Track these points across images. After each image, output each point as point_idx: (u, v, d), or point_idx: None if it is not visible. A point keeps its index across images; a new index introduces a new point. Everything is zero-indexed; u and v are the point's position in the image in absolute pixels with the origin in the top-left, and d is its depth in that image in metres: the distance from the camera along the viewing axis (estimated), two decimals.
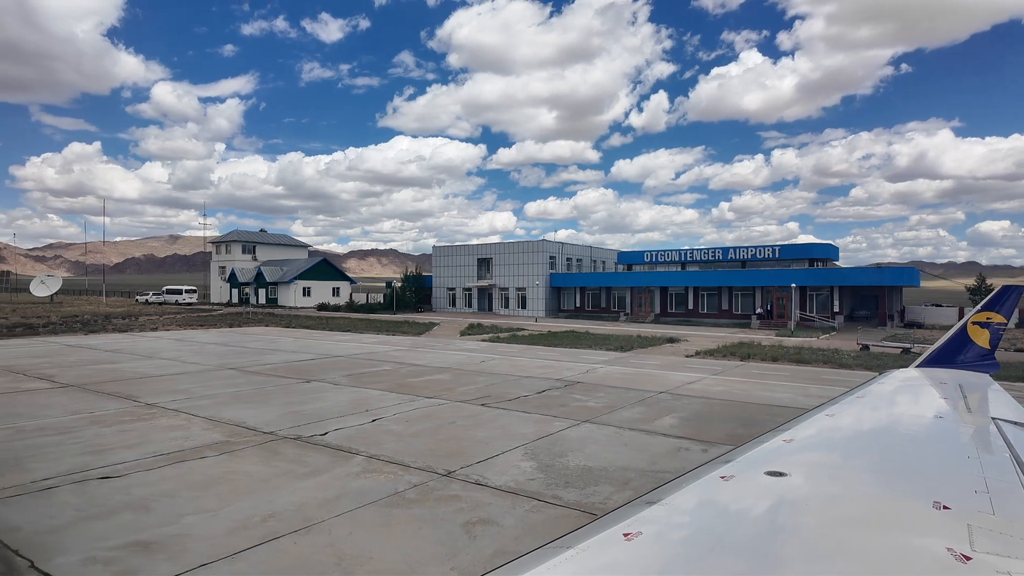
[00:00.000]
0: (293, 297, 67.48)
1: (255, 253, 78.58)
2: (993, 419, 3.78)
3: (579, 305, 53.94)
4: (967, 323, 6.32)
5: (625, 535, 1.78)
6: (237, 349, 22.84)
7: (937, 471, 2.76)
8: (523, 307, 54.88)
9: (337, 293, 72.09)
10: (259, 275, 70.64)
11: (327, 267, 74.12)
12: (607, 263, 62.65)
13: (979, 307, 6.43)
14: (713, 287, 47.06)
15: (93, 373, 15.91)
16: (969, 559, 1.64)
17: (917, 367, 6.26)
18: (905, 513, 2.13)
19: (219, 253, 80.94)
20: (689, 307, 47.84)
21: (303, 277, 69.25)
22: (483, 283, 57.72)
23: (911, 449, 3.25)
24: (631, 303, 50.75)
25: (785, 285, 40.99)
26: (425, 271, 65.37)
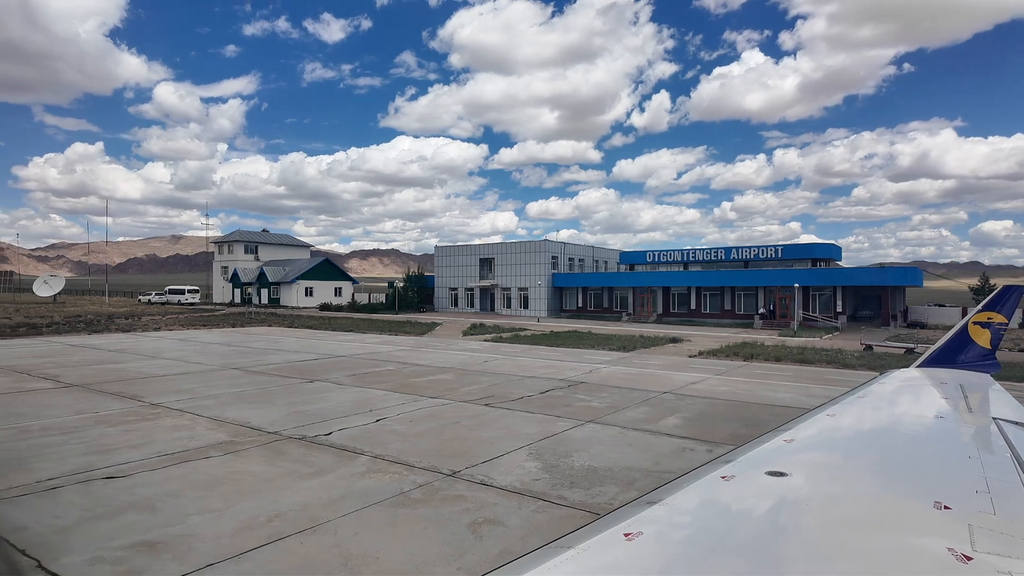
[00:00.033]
0: (295, 297, 67.56)
1: (257, 253, 78.67)
2: (994, 419, 3.78)
3: (581, 305, 53.93)
4: (968, 323, 6.32)
5: (626, 535, 1.79)
6: (240, 349, 22.86)
7: (938, 471, 2.76)
8: (525, 307, 54.89)
9: (339, 293, 72.16)
10: (261, 275, 70.74)
11: (329, 267, 74.21)
12: (609, 263, 62.63)
13: (980, 307, 6.43)
14: (716, 287, 47.03)
15: (97, 373, 15.94)
16: (970, 559, 1.64)
17: (918, 367, 6.27)
18: (906, 513, 2.13)
19: (222, 253, 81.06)
20: (692, 307, 47.81)
21: (305, 277, 69.34)
22: (485, 283, 57.74)
23: (912, 449, 3.25)
24: (633, 303, 50.73)
25: (788, 285, 40.92)
26: (427, 271, 65.44)
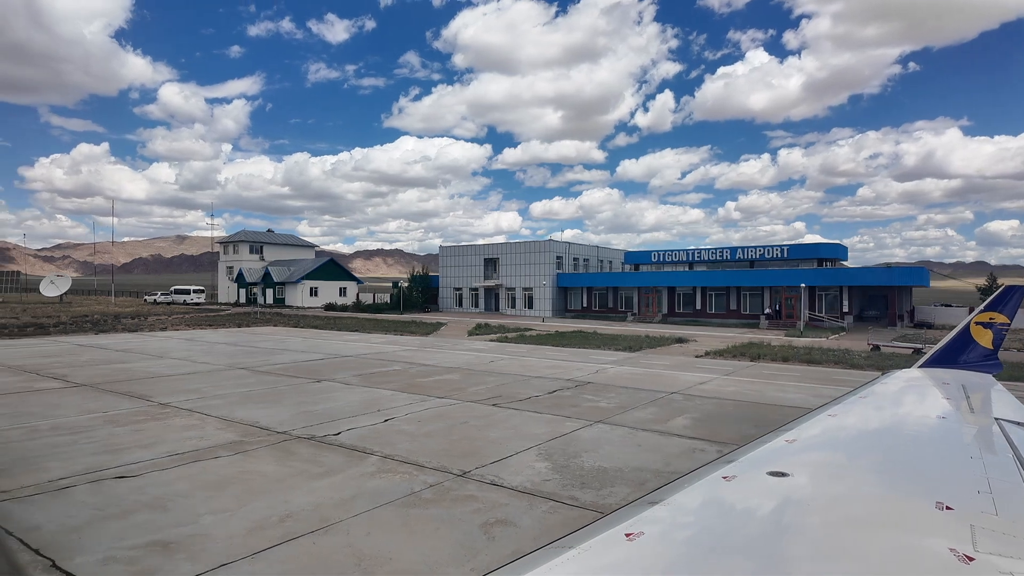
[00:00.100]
0: (300, 297, 67.68)
1: (262, 253, 78.86)
2: (996, 419, 3.78)
3: (586, 305, 53.87)
4: (970, 323, 6.31)
5: (627, 535, 1.79)
6: (247, 349, 22.91)
7: (940, 471, 2.75)
8: (530, 307, 54.86)
9: (344, 293, 72.25)
10: (266, 275, 70.89)
11: (334, 267, 74.30)
12: (614, 263, 62.55)
13: (982, 307, 6.43)
14: (721, 287, 46.90)
15: (105, 373, 15.99)
16: (972, 559, 1.64)
17: (920, 367, 6.27)
18: (907, 513, 2.13)
19: (227, 253, 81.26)
20: (697, 307, 47.69)
21: (310, 277, 69.45)
22: (490, 283, 57.73)
23: (913, 449, 3.24)
24: (638, 303, 50.64)
25: (794, 285, 40.80)
26: (430, 271, 65.48)
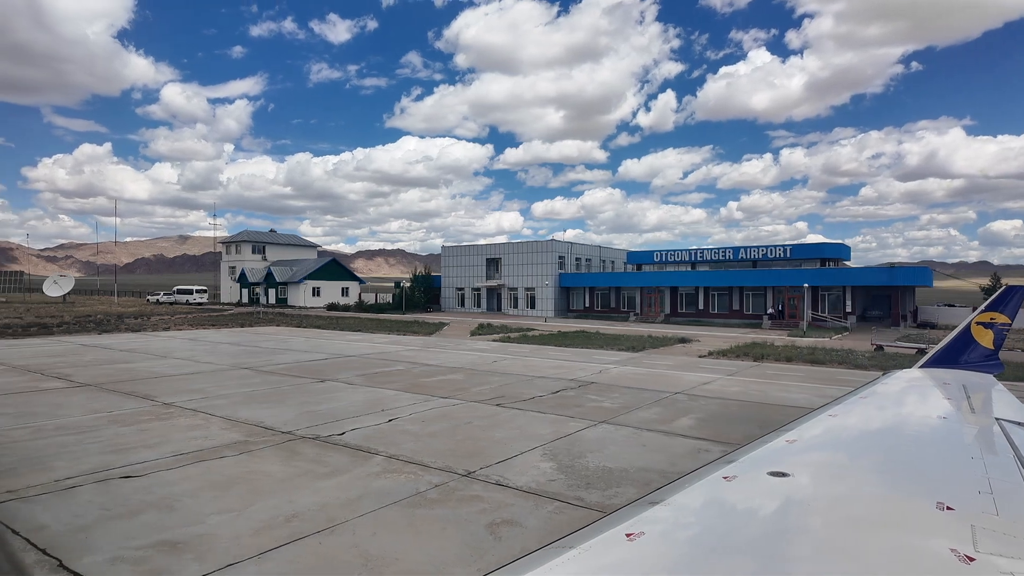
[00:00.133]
0: (303, 297, 67.76)
1: (265, 253, 78.98)
2: (997, 420, 3.78)
3: (588, 305, 53.85)
4: (971, 323, 6.31)
5: (628, 535, 1.79)
6: (250, 349, 22.94)
7: (940, 472, 2.75)
8: (532, 307, 54.86)
9: (346, 293, 72.34)
10: (269, 275, 71.01)
11: (336, 267, 74.39)
12: (616, 263, 62.52)
13: (983, 307, 6.42)
14: (724, 287, 46.85)
15: (109, 372, 16.02)
16: (972, 560, 1.64)
17: (921, 367, 6.27)
18: (908, 514, 2.13)
19: (229, 253, 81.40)
20: (700, 307, 47.65)
21: (313, 277, 69.55)
22: (492, 283, 57.74)
23: (914, 449, 3.24)
24: (641, 303, 50.61)
25: (797, 285, 40.74)
26: (432, 271, 65.51)
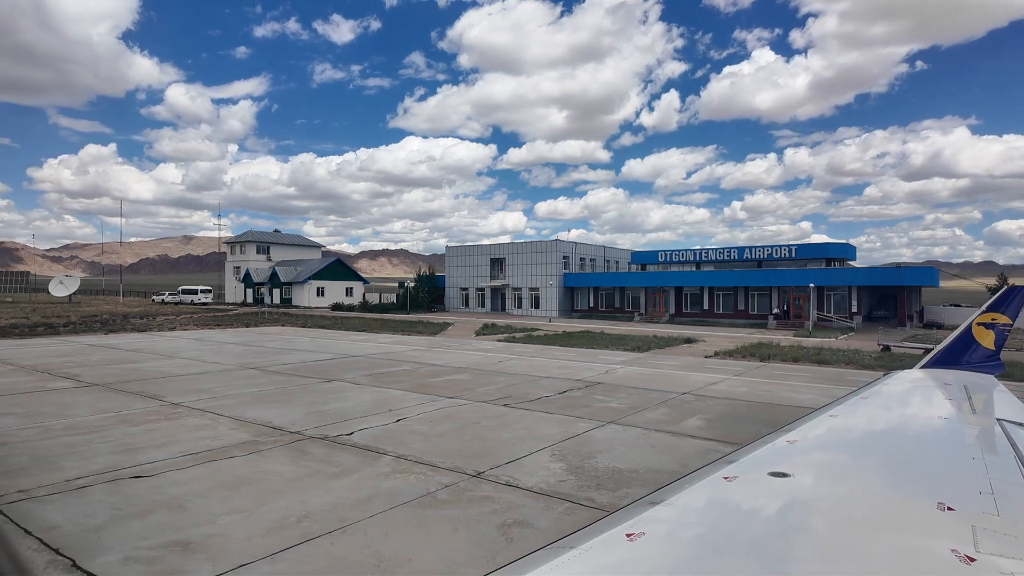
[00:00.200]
0: (307, 297, 67.89)
1: (269, 253, 79.15)
2: (998, 420, 3.77)
3: (593, 305, 53.80)
4: (972, 324, 6.30)
5: (628, 535, 1.79)
6: (256, 349, 22.98)
7: (941, 472, 2.75)
8: (536, 307, 54.83)
9: (350, 293, 72.44)
10: (273, 275, 71.16)
11: (341, 267, 74.51)
12: (620, 263, 62.45)
13: (984, 308, 6.41)
14: (729, 287, 46.74)
15: (117, 372, 16.07)
16: (973, 560, 1.64)
17: (922, 368, 6.27)
18: (909, 514, 2.13)
19: (234, 253, 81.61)
20: (704, 307, 47.55)
21: (317, 277, 69.66)
22: (496, 283, 57.74)
23: (915, 450, 3.24)
24: (645, 303, 50.54)
25: (802, 285, 40.61)
26: (436, 271, 65.52)
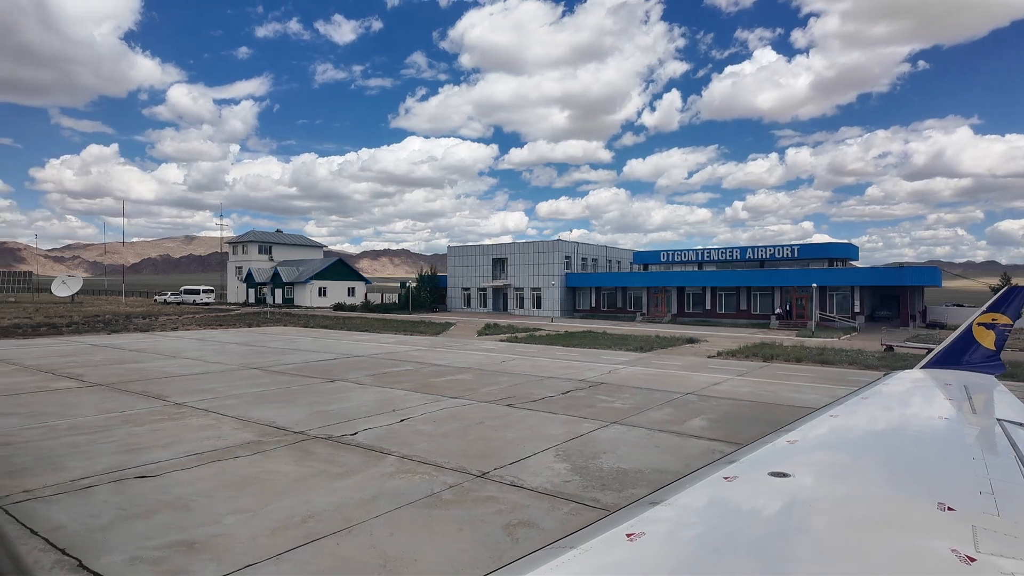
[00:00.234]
0: (309, 297, 67.94)
1: (271, 253, 79.23)
2: (998, 420, 3.76)
3: (595, 305, 53.78)
4: (972, 324, 6.29)
5: (628, 535, 1.78)
6: (258, 349, 22.99)
7: (941, 472, 2.75)
8: (538, 307, 54.83)
9: (352, 293, 72.50)
10: (275, 275, 71.22)
11: (342, 267, 74.58)
12: (622, 263, 62.43)
13: (984, 308, 6.41)
14: (731, 287, 46.70)
15: (120, 372, 16.08)
16: (974, 560, 1.64)
17: (922, 368, 6.27)
18: (909, 514, 2.12)
19: (236, 253, 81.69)
20: (707, 307, 47.51)
21: (319, 277, 69.73)
22: (498, 283, 57.74)
23: (915, 450, 3.23)
24: (647, 303, 50.51)
25: (805, 285, 40.56)
26: (438, 271, 65.54)
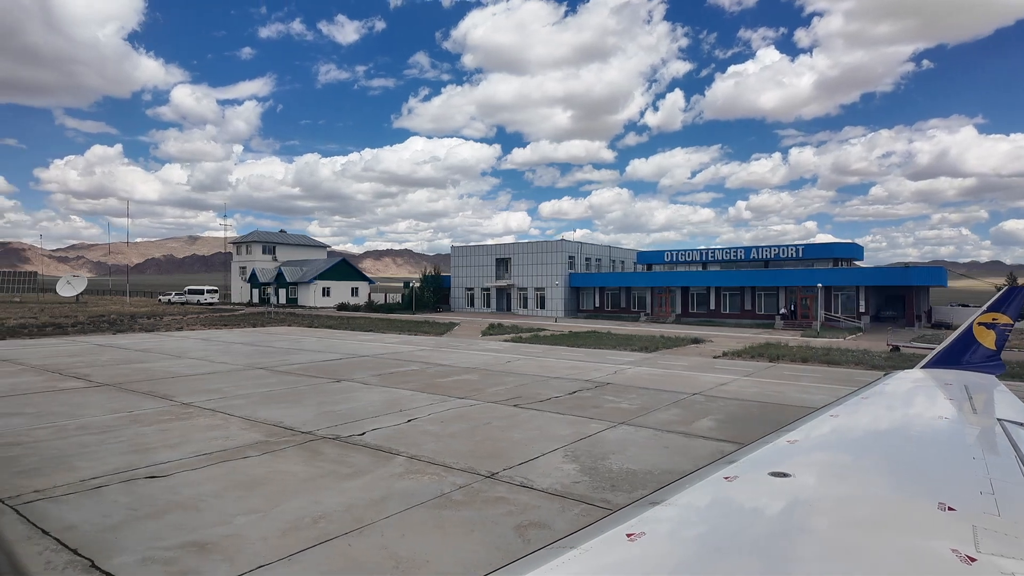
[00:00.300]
0: (313, 297, 68.03)
1: (275, 253, 79.37)
2: (999, 420, 3.76)
3: (598, 305, 53.73)
4: (973, 324, 6.29)
5: (628, 535, 1.79)
6: (263, 349, 23.03)
7: (942, 472, 2.74)
8: (542, 307, 54.80)
9: (356, 293, 72.57)
10: (279, 275, 71.34)
11: (346, 267, 74.65)
12: (626, 263, 62.37)
13: (985, 308, 6.40)
14: (735, 287, 46.59)
15: (126, 372, 16.11)
16: (974, 560, 1.63)
17: (923, 368, 6.27)
18: (909, 514, 2.12)
19: (240, 254, 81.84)
20: (711, 307, 47.41)
21: (323, 277, 69.81)
22: (502, 283, 57.73)
23: (916, 450, 3.23)
24: (651, 303, 50.42)
25: (810, 285, 40.45)
26: (441, 271, 65.55)
